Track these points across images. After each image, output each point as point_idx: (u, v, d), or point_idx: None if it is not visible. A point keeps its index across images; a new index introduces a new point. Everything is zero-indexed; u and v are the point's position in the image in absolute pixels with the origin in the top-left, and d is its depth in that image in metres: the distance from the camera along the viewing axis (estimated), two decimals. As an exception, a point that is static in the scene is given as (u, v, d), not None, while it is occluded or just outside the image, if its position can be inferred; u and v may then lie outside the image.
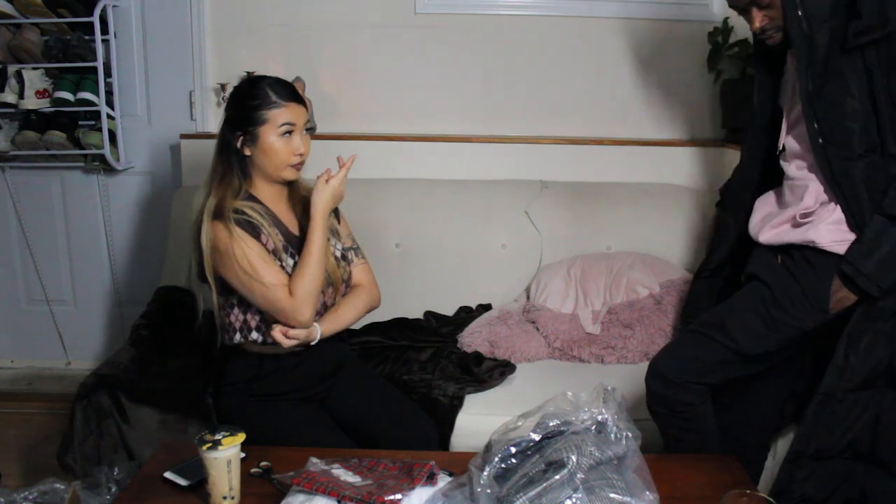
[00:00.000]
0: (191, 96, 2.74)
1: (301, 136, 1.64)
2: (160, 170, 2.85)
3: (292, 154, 1.63)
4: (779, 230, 1.62)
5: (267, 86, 1.62)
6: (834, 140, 1.48)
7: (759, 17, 1.51)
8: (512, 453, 1.20)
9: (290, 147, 1.62)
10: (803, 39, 1.45)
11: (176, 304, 2.29)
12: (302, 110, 1.64)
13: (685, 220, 2.45)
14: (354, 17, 2.64)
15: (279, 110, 1.60)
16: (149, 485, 1.37)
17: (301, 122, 1.63)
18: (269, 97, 1.61)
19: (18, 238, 2.95)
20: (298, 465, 1.31)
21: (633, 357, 2.13)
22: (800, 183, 1.59)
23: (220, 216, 1.57)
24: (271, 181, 1.67)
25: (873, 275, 1.45)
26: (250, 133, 1.61)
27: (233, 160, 1.64)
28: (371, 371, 1.92)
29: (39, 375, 3.02)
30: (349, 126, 2.71)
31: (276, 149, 1.61)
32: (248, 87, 1.64)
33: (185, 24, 2.68)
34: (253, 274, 1.56)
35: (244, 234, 1.57)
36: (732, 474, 1.42)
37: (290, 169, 1.65)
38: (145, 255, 2.91)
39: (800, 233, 1.56)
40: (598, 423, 1.21)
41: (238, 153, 1.64)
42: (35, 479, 1.78)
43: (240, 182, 1.64)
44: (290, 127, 1.61)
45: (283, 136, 1.61)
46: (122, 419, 1.84)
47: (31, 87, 2.62)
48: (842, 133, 1.47)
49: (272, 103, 1.60)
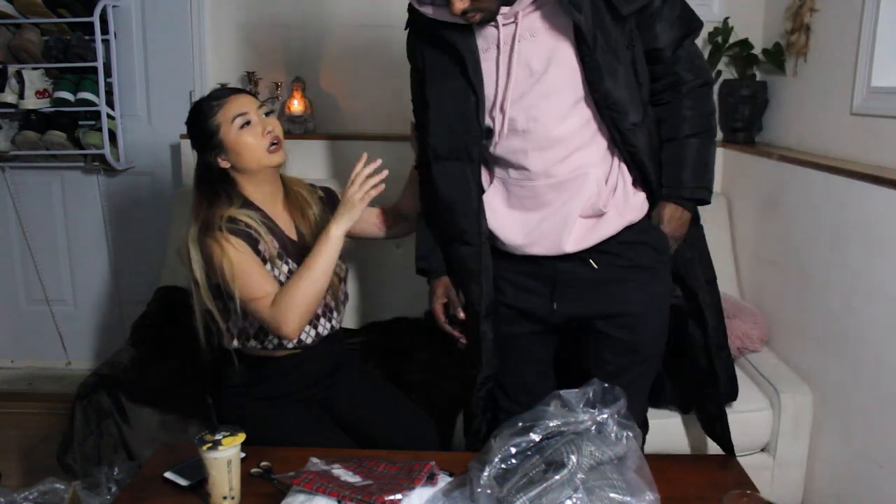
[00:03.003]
0: (191, 96, 2.73)
1: (262, 119, 1.61)
2: (160, 170, 2.85)
3: (260, 138, 1.59)
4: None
5: (203, 99, 1.63)
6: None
7: (462, 2, 1.30)
8: (512, 453, 1.20)
9: (255, 133, 1.59)
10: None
11: (176, 304, 2.29)
12: (246, 98, 1.63)
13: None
14: (354, 17, 2.64)
15: (223, 109, 1.59)
16: (149, 485, 1.38)
17: (252, 107, 1.61)
18: (209, 106, 1.60)
19: (18, 238, 2.95)
20: (298, 465, 1.31)
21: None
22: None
23: (209, 231, 1.54)
24: (260, 180, 1.64)
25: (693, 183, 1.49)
26: (215, 145, 1.59)
27: (214, 180, 1.61)
28: (371, 371, 1.92)
29: (39, 375, 3.02)
30: (349, 126, 2.71)
31: (241, 142, 1.58)
32: (191, 113, 1.64)
33: (185, 24, 2.68)
34: (245, 290, 1.52)
35: (233, 238, 1.53)
36: (732, 474, 1.42)
37: (270, 154, 1.60)
38: (145, 255, 2.91)
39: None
40: (597, 423, 1.21)
41: (218, 170, 1.61)
42: (35, 479, 1.79)
43: (228, 195, 1.61)
44: (243, 118, 1.59)
45: (241, 127, 1.58)
46: (122, 419, 1.85)
47: (31, 87, 2.63)
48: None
49: (213, 107, 1.60)
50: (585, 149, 1.43)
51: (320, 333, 1.69)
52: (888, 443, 1.65)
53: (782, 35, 2.36)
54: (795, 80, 2.31)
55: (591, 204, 1.43)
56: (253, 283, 1.52)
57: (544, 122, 1.39)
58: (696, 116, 1.48)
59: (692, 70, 1.47)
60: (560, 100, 1.39)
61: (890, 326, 1.65)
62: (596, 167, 1.44)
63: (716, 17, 2.56)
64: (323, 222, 1.66)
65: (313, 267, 1.53)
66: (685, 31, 1.45)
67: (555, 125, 1.40)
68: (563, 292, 1.49)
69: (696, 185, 1.49)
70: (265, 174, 1.64)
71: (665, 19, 1.42)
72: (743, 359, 2.10)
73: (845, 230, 1.82)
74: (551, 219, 1.44)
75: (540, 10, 1.36)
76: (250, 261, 1.54)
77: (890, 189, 1.65)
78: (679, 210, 1.49)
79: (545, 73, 1.37)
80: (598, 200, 1.43)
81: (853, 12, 1.94)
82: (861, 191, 1.75)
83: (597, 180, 1.43)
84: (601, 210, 1.43)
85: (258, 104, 1.63)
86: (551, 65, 1.37)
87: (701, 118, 1.49)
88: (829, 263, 1.90)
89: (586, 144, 1.43)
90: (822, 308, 1.92)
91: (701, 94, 1.49)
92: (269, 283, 1.55)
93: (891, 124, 1.80)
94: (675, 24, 1.43)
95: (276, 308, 1.51)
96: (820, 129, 2.15)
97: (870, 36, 1.89)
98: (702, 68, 1.49)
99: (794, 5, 2.28)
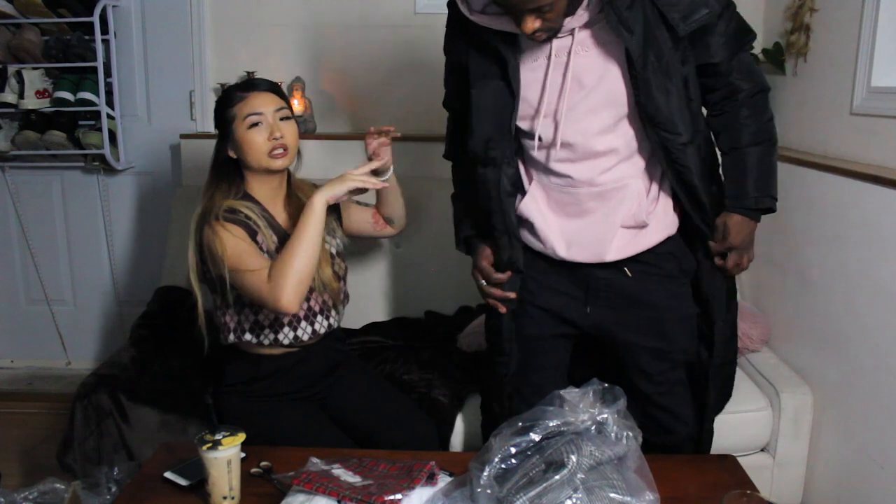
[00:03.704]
0: (191, 96, 2.74)
1: (275, 123, 1.61)
2: (160, 170, 2.86)
3: (265, 141, 1.60)
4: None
5: (232, 87, 1.66)
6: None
7: (534, 22, 1.29)
8: (512, 453, 1.20)
9: (262, 135, 1.60)
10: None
11: (176, 304, 2.29)
12: (269, 97, 1.63)
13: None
14: (354, 17, 2.64)
15: (242, 103, 1.61)
16: (149, 485, 1.37)
17: (269, 108, 1.61)
18: (234, 95, 1.63)
19: (18, 238, 2.95)
20: (298, 465, 1.31)
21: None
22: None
23: (207, 218, 1.57)
24: (262, 177, 1.66)
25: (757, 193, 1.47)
26: (227, 134, 1.63)
27: (222, 167, 1.66)
28: (371, 371, 1.92)
29: (39, 375, 3.02)
30: (349, 126, 2.71)
31: (247, 140, 1.60)
32: (221, 96, 1.67)
33: (185, 24, 2.68)
34: (239, 264, 1.54)
35: (230, 225, 1.56)
36: (733, 474, 1.42)
37: (271, 158, 1.61)
38: (145, 255, 2.91)
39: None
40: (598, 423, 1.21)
41: (226, 157, 1.65)
42: (35, 479, 1.79)
43: (230, 185, 1.65)
44: (256, 117, 1.60)
45: (250, 127, 1.60)
46: (123, 419, 1.85)
47: (31, 87, 2.62)
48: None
49: (236, 98, 1.62)
50: (629, 160, 1.44)
51: (318, 332, 1.69)
52: (888, 443, 1.65)
53: (782, 35, 2.36)
54: (795, 80, 2.31)
55: (633, 214, 1.44)
56: (247, 257, 1.54)
57: (590, 135, 1.40)
58: (754, 124, 1.47)
59: (748, 79, 1.45)
60: (607, 114, 1.39)
61: (890, 326, 1.65)
62: (638, 178, 1.45)
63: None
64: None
65: (300, 237, 1.53)
66: (740, 43, 1.44)
67: (600, 139, 1.41)
68: (596, 297, 1.52)
69: (760, 195, 1.48)
70: (268, 174, 1.65)
71: (721, 34, 1.41)
72: (743, 359, 2.10)
73: (845, 230, 1.82)
74: (594, 227, 1.46)
75: (595, 25, 1.36)
76: (245, 242, 1.56)
77: (890, 189, 1.65)
78: (745, 221, 1.49)
79: (595, 88, 1.38)
80: (639, 211, 1.44)
81: (853, 12, 1.94)
82: (861, 191, 1.75)
83: (638, 192, 1.45)
84: (644, 221, 1.45)
85: (279, 106, 1.63)
86: (602, 81, 1.37)
87: (760, 126, 1.48)
88: (829, 263, 1.90)
89: (630, 156, 1.44)
90: (822, 308, 1.92)
91: (758, 102, 1.48)
92: (263, 259, 1.56)
93: (891, 124, 1.80)
94: (732, 38, 1.42)
95: (271, 281, 1.52)
96: (820, 129, 2.15)
97: (870, 36, 1.88)
98: (757, 76, 1.48)
99: (794, 5, 2.28)
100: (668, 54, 1.35)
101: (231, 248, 1.54)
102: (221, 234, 1.54)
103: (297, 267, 1.51)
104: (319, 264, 1.64)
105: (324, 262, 1.67)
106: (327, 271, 1.68)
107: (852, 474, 1.78)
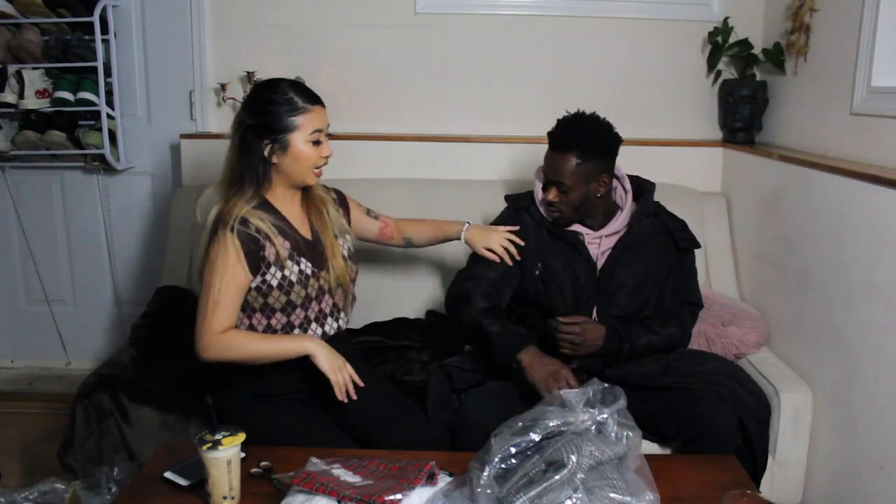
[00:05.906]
0: (191, 96, 2.74)
1: (326, 142, 1.63)
2: (160, 170, 2.86)
3: (320, 158, 1.63)
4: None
5: (290, 89, 1.60)
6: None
7: (555, 195, 1.85)
8: (512, 453, 1.20)
9: (319, 152, 1.62)
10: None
11: (176, 304, 2.29)
12: (325, 113, 1.64)
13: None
14: (354, 17, 2.64)
15: (308, 115, 1.59)
16: (149, 485, 1.38)
17: (326, 124, 1.64)
18: (296, 102, 1.58)
19: (18, 238, 2.95)
20: (298, 465, 1.31)
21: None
22: None
23: (223, 224, 1.56)
24: (290, 185, 1.66)
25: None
26: (280, 141, 1.59)
27: (258, 167, 1.60)
28: (371, 371, 1.91)
29: (39, 375, 3.02)
30: (349, 126, 2.70)
31: (305, 154, 1.60)
32: (270, 92, 1.60)
33: (185, 24, 2.68)
34: (211, 281, 1.54)
35: (237, 240, 1.54)
36: (732, 474, 1.42)
37: (314, 174, 1.64)
38: (145, 254, 2.91)
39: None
40: (598, 423, 1.21)
41: (265, 160, 1.61)
42: (35, 479, 1.79)
43: (256, 188, 1.61)
44: (319, 135, 1.61)
45: (314, 143, 1.61)
46: (123, 419, 1.85)
47: (31, 87, 2.62)
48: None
49: (300, 108, 1.58)
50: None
51: (327, 333, 1.70)
52: (888, 443, 1.65)
53: (782, 35, 2.36)
54: (795, 79, 2.31)
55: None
56: (220, 283, 1.54)
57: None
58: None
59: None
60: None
61: (890, 326, 1.65)
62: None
63: (716, 17, 2.57)
64: (336, 222, 1.74)
65: (273, 350, 1.59)
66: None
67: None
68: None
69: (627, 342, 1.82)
70: (297, 184, 1.67)
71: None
72: (743, 358, 2.10)
73: (845, 230, 1.82)
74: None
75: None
76: (233, 269, 1.55)
77: (890, 189, 1.65)
78: (603, 335, 1.79)
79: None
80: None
81: (853, 12, 1.94)
82: (861, 191, 1.75)
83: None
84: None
85: (328, 123, 1.65)
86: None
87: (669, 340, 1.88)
88: (829, 263, 1.89)
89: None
90: (822, 308, 1.92)
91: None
92: (231, 297, 1.57)
93: (891, 124, 1.81)
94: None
95: (221, 334, 1.55)
96: (820, 129, 2.15)
97: (870, 36, 1.89)
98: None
99: (794, 5, 2.28)
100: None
101: (219, 264, 1.54)
102: (223, 245, 1.54)
103: (244, 356, 1.57)
104: (335, 259, 1.68)
105: (339, 258, 1.69)
106: (345, 276, 1.70)
107: (852, 474, 1.78)
